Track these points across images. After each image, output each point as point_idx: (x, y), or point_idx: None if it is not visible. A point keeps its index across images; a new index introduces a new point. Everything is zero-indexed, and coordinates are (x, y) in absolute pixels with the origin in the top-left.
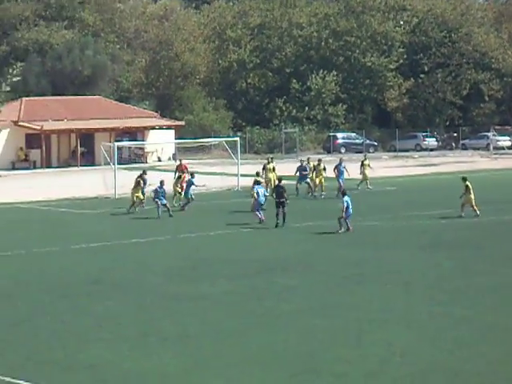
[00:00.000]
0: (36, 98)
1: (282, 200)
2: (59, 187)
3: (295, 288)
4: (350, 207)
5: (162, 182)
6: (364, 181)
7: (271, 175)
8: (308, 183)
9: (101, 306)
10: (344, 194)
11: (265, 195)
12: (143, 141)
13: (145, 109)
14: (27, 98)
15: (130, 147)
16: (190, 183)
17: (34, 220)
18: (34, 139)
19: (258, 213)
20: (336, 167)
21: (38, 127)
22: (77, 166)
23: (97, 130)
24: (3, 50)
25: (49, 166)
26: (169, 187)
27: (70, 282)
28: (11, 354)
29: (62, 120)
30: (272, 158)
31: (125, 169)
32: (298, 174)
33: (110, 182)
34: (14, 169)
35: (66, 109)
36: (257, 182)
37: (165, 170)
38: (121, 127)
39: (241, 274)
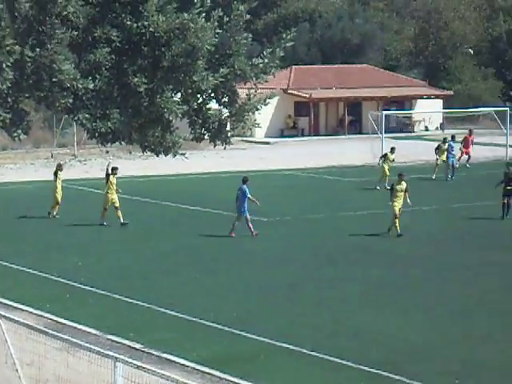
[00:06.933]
0: (305, 66)
1: None
2: (326, 155)
3: None
4: None
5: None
6: None
7: None
8: None
9: (368, 273)
10: None
11: None
12: (410, 110)
13: (413, 78)
14: (296, 66)
15: (397, 116)
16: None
17: (300, 186)
18: (302, 107)
19: None
20: None
21: (307, 95)
22: (344, 134)
23: (364, 98)
24: (272, 18)
25: (316, 134)
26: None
27: (336, 249)
28: (276, 318)
29: (331, 88)
30: None
31: (392, 138)
32: None
33: (377, 150)
34: (282, 136)
35: (334, 77)
36: None
37: (433, 140)
38: (389, 96)
39: None
